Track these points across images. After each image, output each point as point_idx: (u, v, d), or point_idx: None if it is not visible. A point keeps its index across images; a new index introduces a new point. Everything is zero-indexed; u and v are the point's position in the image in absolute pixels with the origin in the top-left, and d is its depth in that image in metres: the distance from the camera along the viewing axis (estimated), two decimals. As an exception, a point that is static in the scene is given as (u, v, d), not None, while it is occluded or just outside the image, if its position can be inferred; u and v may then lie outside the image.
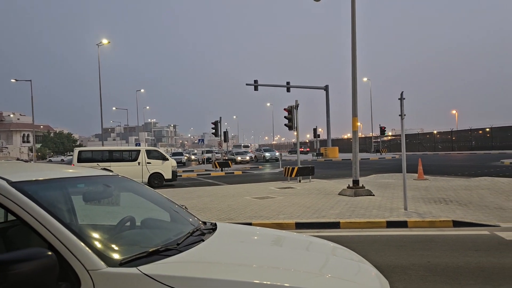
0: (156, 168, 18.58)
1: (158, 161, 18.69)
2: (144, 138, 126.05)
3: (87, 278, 1.81)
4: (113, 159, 18.27)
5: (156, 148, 20.97)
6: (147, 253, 2.04)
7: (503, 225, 7.22)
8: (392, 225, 7.68)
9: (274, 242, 2.88)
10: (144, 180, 18.19)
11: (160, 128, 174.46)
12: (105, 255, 1.93)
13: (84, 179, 2.83)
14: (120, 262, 1.92)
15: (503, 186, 12.40)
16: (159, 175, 18.59)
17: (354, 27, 12.42)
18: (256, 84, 39.15)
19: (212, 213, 9.52)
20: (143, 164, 18.37)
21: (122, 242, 2.36)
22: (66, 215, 2.35)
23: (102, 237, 2.24)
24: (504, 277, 4.60)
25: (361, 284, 2.22)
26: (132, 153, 18.83)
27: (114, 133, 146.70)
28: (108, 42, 36.70)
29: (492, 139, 49.67)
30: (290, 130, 17.57)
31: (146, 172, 18.39)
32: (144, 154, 18.53)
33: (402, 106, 9.20)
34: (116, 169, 17.53)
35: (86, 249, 1.88)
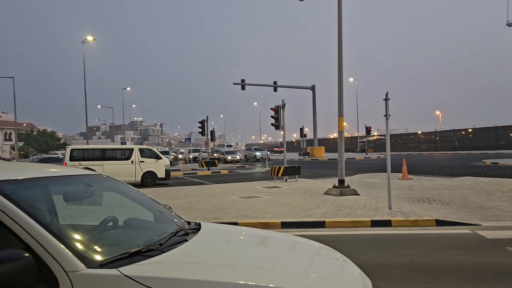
0: (150, 167, 18.46)
1: (152, 159, 18.59)
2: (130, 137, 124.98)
3: (66, 280, 1.77)
4: (106, 157, 18.12)
5: (149, 146, 20.83)
6: (129, 254, 2.01)
7: (484, 224, 7.35)
8: (377, 224, 7.75)
9: (259, 242, 2.87)
10: (137, 179, 18.11)
11: (147, 127, 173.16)
12: (85, 256, 1.90)
13: (66, 178, 2.78)
14: (100, 263, 1.89)
15: (484, 186, 12.63)
16: (153, 174, 18.47)
17: (340, 28, 12.49)
18: (243, 84, 39.14)
19: (198, 212, 9.48)
20: (136, 162, 18.24)
21: (104, 243, 2.33)
22: (46, 215, 2.30)
23: (83, 238, 2.20)
24: (485, 275, 4.68)
25: (344, 283, 2.23)
26: (125, 151, 18.69)
27: (100, 131, 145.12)
28: (93, 39, 36.26)
29: (474, 139, 50.57)
30: (276, 129, 17.61)
31: (139, 171, 18.27)
32: (138, 153, 18.41)
33: (387, 106, 9.29)
34: (109, 167, 17.54)
35: (65, 250, 1.85)
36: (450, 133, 54.23)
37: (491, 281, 4.47)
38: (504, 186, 12.30)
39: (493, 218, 7.78)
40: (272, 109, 17.65)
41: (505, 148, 45.77)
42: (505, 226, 7.21)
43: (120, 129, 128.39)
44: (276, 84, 40.64)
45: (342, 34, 12.51)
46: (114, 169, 17.57)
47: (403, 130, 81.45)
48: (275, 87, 40.65)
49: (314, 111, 45.44)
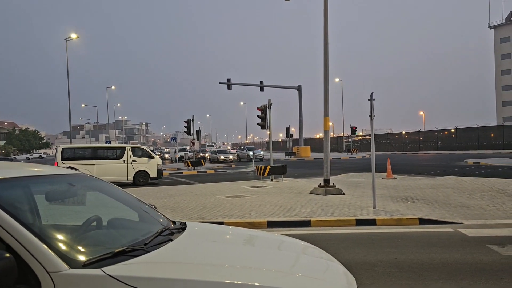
0: (142, 166, 18.41)
1: (144, 159, 18.55)
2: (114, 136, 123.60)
3: (48, 281, 1.75)
4: (97, 157, 17.98)
5: (141, 146, 20.71)
6: (113, 254, 1.99)
7: (466, 222, 7.50)
8: (362, 223, 7.83)
9: (246, 241, 2.87)
10: (129, 178, 18.11)
11: (132, 126, 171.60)
12: (67, 256, 1.88)
13: (48, 177, 2.74)
14: (83, 264, 1.87)
15: (466, 185, 12.86)
16: (145, 173, 18.44)
17: (326, 29, 12.57)
18: (229, 83, 39.11)
19: (184, 212, 9.44)
20: (128, 162, 18.18)
21: (87, 243, 2.30)
22: (27, 215, 2.26)
23: (66, 238, 2.17)
24: (466, 272, 4.78)
25: (329, 282, 2.26)
26: (117, 150, 18.56)
27: (84, 130, 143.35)
28: (77, 36, 35.76)
29: (456, 139, 51.49)
30: (263, 129, 17.63)
31: (131, 170, 18.20)
32: (130, 152, 18.35)
33: (372, 106, 9.39)
34: (101, 166, 17.51)
35: (47, 250, 1.82)
36: (433, 133, 55.12)
37: (471, 278, 4.56)
38: (485, 185, 12.55)
39: (474, 217, 7.94)
40: (258, 108, 17.66)
41: (486, 148, 46.76)
42: (485, 224, 7.36)
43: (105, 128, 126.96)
44: (263, 83, 40.70)
45: (328, 35, 12.59)
46: (106, 168, 17.54)
47: (388, 130, 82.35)
48: (261, 87, 40.71)
49: (300, 111, 45.65)
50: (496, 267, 4.93)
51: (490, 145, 47.15)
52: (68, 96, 35.55)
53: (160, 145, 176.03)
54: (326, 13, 12.58)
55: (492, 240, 6.23)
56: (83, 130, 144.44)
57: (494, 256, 5.40)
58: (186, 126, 29.58)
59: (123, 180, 17.95)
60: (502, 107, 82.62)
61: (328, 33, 12.59)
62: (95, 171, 17.18)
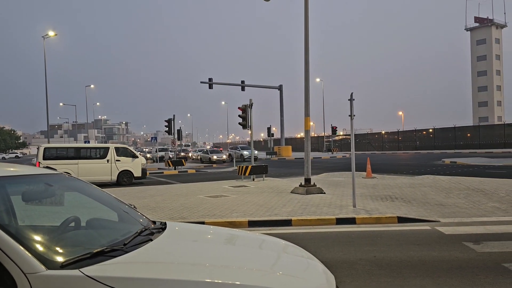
0: (126, 166, 18.27)
1: (128, 158, 18.42)
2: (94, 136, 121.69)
3: (24, 282, 1.72)
4: (80, 156, 17.72)
5: (125, 145, 20.51)
6: (91, 254, 1.97)
7: (443, 221, 7.67)
8: (342, 222, 7.92)
9: (227, 240, 2.88)
10: (113, 178, 17.97)
11: (111, 126, 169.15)
12: (45, 257, 1.85)
13: (24, 178, 2.68)
14: (61, 264, 1.84)
15: (443, 184, 13.15)
16: (129, 173, 18.30)
17: (307, 30, 12.66)
18: (210, 82, 38.96)
19: (164, 212, 9.37)
20: (112, 161, 18.01)
21: (65, 244, 2.27)
22: (3, 216, 2.21)
23: (43, 239, 2.14)
24: (443, 269, 4.89)
25: (308, 280, 2.28)
26: (100, 150, 18.35)
27: (62, 130, 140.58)
28: (54, 34, 35.04)
29: (434, 139, 52.61)
30: (244, 129, 17.64)
31: (115, 170, 18.04)
32: (113, 152, 18.18)
33: (352, 106, 9.50)
34: (84, 166, 17.35)
35: (23, 251, 1.79)
36: (412, 133, 56.16)
37: (448, 275, 4.67)
38: (462, 184, 12.86)
39: (451, 215, 8.12)
40: (239, 108, 17.67)
41: (463, 147, 47.92)
42: (462, 222, 7.55)
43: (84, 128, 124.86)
44: (244, 83, 40.71)
45: (308, 36, 12.68)
46: (89, 168, 17.38)
47: (368, 130, 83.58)
48: (242, 87, 40.71)
49: (281, 111, 45.83)
50: (471, 264, 5.06)
51: (467, 145, 48.35)
52: (45, 94, 34.82)
53: (141, 144, 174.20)
54: (307, 14, 12.66)
55: (468, 237, 6.39)
56: (61, 130, 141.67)
57: (470, 253, 5.54)
58: (167, 125, 29.38)
59: (106, 180, 17.80)
60: (478, 107, 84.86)
61: (309, 34, 12.68)
62: (78, 171, 16.99)
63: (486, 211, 8.41)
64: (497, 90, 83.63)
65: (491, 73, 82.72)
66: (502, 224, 7.26)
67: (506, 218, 7.76)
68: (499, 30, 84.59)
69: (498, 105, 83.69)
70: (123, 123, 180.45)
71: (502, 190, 11.17)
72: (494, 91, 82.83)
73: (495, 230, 6.85)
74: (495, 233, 6.61)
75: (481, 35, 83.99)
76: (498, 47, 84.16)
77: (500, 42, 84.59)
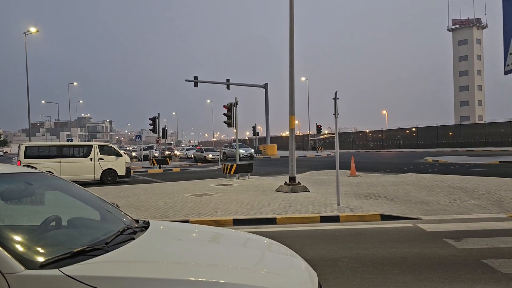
0: (110, 164, 18.12)
1: (112, 157, 18.26)
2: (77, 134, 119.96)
3: (3, 282, 1.69)
4: (63, 155, 17.45)
5: (109, 144, 20.29)
6: (72, 254, 1.95)
7: (425, 218, 7.80)
8: (326, 220, 7.98)
9: (211, 239, 2.87)
10: (96, 176, 17.81)
11: (95, 124, 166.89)
12: (24, 257, 1.82)
13: (3, 176, 2.63)
14: (40, 264, 1.82)
15: (425, 182, 13.36)
16: (113, 172, 18.15)
17: (292, 28, 12.69)
18: (195, 81, 38.77)
19: (149, 211, 9.29)
20: (95, 160, 17.83)
21: (45, 243, 2.23)
22: None
23: (22, 239, 2.10)
24: (424, 266, 4.97)
25: (291, 278, 2.30)
26: (83, 148, 18.11)
27: (44, 128, 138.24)
28: (36, 30, 34.40)
29: (417, 138, 53.41)
30: (229, 127, 17.58)
31: (98, 169, 17.87)
32: (97, 150, 18.00)
33: (336, 105, 9.57)
34: (67, 165, 17.14)
35: (2, 251, 1.76)
36: (395, 131, 56.88)
37: (429, 271, 4.75)
38: (443, 182, 13.08)
39: (432, 212, 8.26)
40: (224, 106, 17.61)
41: (445, 146, 48.76)
42: (443, 219, 7.68)
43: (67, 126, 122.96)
44: (229, 82, 40.63)
45: (293, 35, 12.72)
46: (72, 167, 17.18)
47: (353, 128, 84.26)
48: (228, 85, 40.64)
49: (266, 109, 45.90)
50: (452, 260, 5.16)
51: (449, 143, 49.21)
52: (27, 92, 34.15)
53: (125, 143, 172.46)
54: (292, 13, 12.69)
55: (449, 234, 6.51)
56: (43, 128, 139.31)
57: (451, 250, 5.65)
58: (151, 124, 29.10)
59: (90, 178, 17.64)
60: (459, 107, 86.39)
61: (294, 34, 12.72)
62: (60, 169, 16.78)
63: (466, 209, 8.57)
64: (478, 90, 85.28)
65: (472, 73, 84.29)
66: (482, 221, 7.41)
67: (486, 215, 7.93)
68: (480, 31, 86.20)
69: (479, 105, 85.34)
70: (107, 121, 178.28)
71: (482, 188, 11.40)
72: (475, 91, 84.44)
73: (475, 227, 6.99)
74: (475, 230, 6.75)
75: (463, 35, 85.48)
76: (479, 47, 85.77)
77: (481, 43, 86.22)
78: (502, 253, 5.40)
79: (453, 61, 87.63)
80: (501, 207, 8.59)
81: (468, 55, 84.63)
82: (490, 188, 11.29)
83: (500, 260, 5.05)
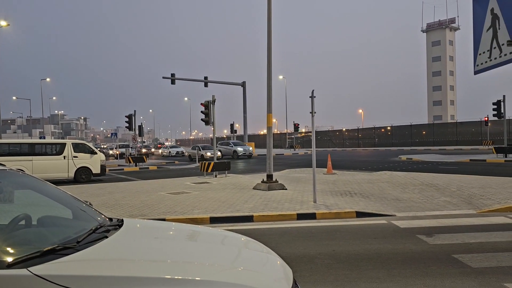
0: (84, 162, 17.74)
1: (86, 155, 17.89)
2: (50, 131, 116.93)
3: None
4: (35, 152, 16.97)
5: (83, 141, 19.83)
6: (41, 253, 1.89)
7: (399, 215, 7.96)
8: (302, 217, 8.05)
9: (189, 237, 2.85)
10: (70, 175, 17.45)
11: (69, 121, 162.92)
12: None
13: None
14: (8, 264, 1.76)
15: (399, 179, 13.64)
16: (87, 170, 17.78)
17: (269, 27, 12.70)
18: (173, 78, 38.31)
19: (124, 209, 9.15)
20: (69, 158, 17.44)
21: (13, 242, 2.16)
22: None
23: None
24: (397, 261, 5.08)
25: (267, 274, 2.31)
26: (56, 146, 17.64)
27: (15, 125, 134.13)
28: (7, 24, 33.29)
29: (392, 136, 54.49)
30: (206, 125, 17.49)
31: (72, 167, 17.48)
32: (71, 148, 17.59)
33: (313, 103, 9.65)
34: (39, 163, 16.71)
35: None
36: (371, 130, 57.84)
37: (402, 267, 4.85)
38: (417, 180, 13.38)
39: (406, 209, 8.44)
40: (202, 104, 17.50)
41: (419, 144, 49.92)
42: (416, 216, 7.86)
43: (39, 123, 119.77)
44: (207, 79, 40.35)
45: (271, 33, 12.73)
46: (44, 165, 16.78)
47: (329, 127, 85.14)
48: (205, 83, 40.33)
49: (244, 108, 45.80)
50: (424, 255, 5.29)
51: (422, 142, 50.40)
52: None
53: (100, 141, 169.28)
54: (269, 11, 12.71)
55: (421, 230, 6.66)
56: (14, 125, 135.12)
57: (423, 245, 5.78)
58: (127, 121, 28.66)
59: (63, 177, 17.27)
60: (433, 106, 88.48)
61: (272, 32, 12.73)
62: (32, 168, 16.35)
63: (438, 205, 8.80)
64: (450, 90, 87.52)
65: (445, 74, 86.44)
66: (453, 218, 7.63)
67: (457, 211, 8.16)
68: (453, 32, 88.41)
69: (451, 104, 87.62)
70: (81, 119, 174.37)
71: (454, 185, 11.72)
72: (448, 91, 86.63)
73: (446, 223, 7.19)
74: (446, 226, 6.94)
75: (436, 37, 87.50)
76: (452, 48, 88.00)
77: (453, 44, 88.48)
78: (471, 248, 5.57)
79: (427, 61, 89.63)
80: (471, 204, 8.85)
81: (441, 56, 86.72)
82: (461, 186, 11.62)
83: (469, 255, 5.21)
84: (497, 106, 26.16)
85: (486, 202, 8.88)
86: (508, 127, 34.28)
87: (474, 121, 46.36)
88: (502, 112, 25.95)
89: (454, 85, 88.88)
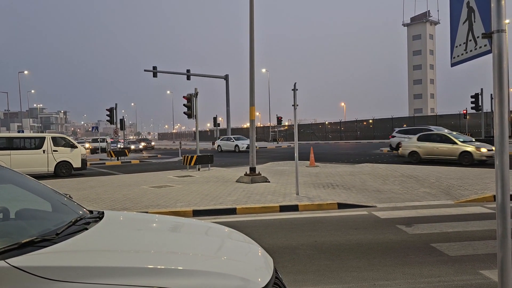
0: (64, 156, 17.41)
1: (66, 148, 17.57)
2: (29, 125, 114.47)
3: None
4: (13, 147, 16.59)
5: (63, 135, 19.44)
6: (19, 245, 1.87)
7: (379, 206, 8.10)
8: (285, 209, 8.11)
9: (173, 228, 2.85)
10: (50, 169, 17.13)
11: (48, 115, 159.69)
12: None
13: None
14: None
15: (380, 172, 13.85)
16: (67, 164, 17.47)
17: (252, 20, 12.67)
18: (155, 71, 37.86)
19: (106, 203, 9.06)
20: (48, 152, 17.08)
21: None
22: None
23: None
24: (377, 251, 5.18)
25: (248, 263, 2.34)
26: (35, 140, 17.24)
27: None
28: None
29: (374, 129, 55.13)
30: (189, 118, 17.39)
31: (52, 161, 17.14)
32: (50, 141, 17.23)
33: (295, 96, 9.69)
34: (18, 157, 16.39)
35: None
36: (353, 123, 58.42)
37: (382, 256, 4.95)
38: (397, 172, 13.61)
39: (386, 200, 8.59)
40: (184, 97, 17.38)
41: (400, 137, 50.54)
42: (396, 207, 8.01)
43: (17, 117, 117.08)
44: (189, 72, 40.02)
45: (253, 26, 12.70)
46: (23, 159, 16.45)
47: (312, 120, 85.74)
48: (188, 76, 39.99)
49: (227, 101, 45.64)
50: (404, 245, 5.40)
51: (403, 135, 51.06)
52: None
53: (81, 134, 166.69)
54: (252, 4, 12.66)
55: (401, 221, 6.80)
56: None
57: (403, 235, 5.91)
58: (108, 114, 28.26)
59: (43, 171, 16.95)
60: (413, 99, 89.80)
61: (254, 25, 12.70)
62: (10, 162, 16.00)
63: (418, 196, 8.98)
64: (430, 83, 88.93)
65: (425, 67, 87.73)
66: (432, 208, 7.80)
67: (435, 202, 8.35)
68: (433, 26, 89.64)
69: (431, 98, 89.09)
70: (61, 112, 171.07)
71: (433, 177, 11.96)
72: (428, 84, 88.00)
73: (425, 213, 7.35)
74: (425, 216, 7.09)
75: (417, 31, 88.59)
76: (432, 42, 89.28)
77: (434, 38, 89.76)
78: (449, 237, 5.71)
79: (408, 55, 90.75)
80: (449, 194, 9.06)
81: (422, 50, 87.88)
82: (439, 177, 11.86)
83: (447, 244, 5.35)
84: (475, 99, 26.73)
85: (464, 193, 9.10)
86: (485, 119, 35.07)
87: (453, 114, 47.26)
88: (480, 105, 26.53)
89: (434, 79, 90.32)
